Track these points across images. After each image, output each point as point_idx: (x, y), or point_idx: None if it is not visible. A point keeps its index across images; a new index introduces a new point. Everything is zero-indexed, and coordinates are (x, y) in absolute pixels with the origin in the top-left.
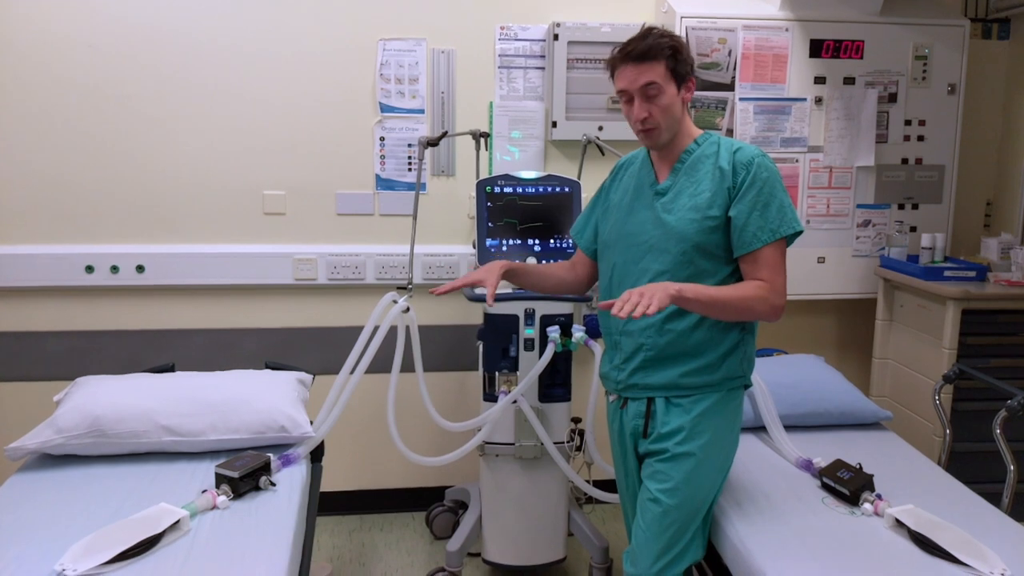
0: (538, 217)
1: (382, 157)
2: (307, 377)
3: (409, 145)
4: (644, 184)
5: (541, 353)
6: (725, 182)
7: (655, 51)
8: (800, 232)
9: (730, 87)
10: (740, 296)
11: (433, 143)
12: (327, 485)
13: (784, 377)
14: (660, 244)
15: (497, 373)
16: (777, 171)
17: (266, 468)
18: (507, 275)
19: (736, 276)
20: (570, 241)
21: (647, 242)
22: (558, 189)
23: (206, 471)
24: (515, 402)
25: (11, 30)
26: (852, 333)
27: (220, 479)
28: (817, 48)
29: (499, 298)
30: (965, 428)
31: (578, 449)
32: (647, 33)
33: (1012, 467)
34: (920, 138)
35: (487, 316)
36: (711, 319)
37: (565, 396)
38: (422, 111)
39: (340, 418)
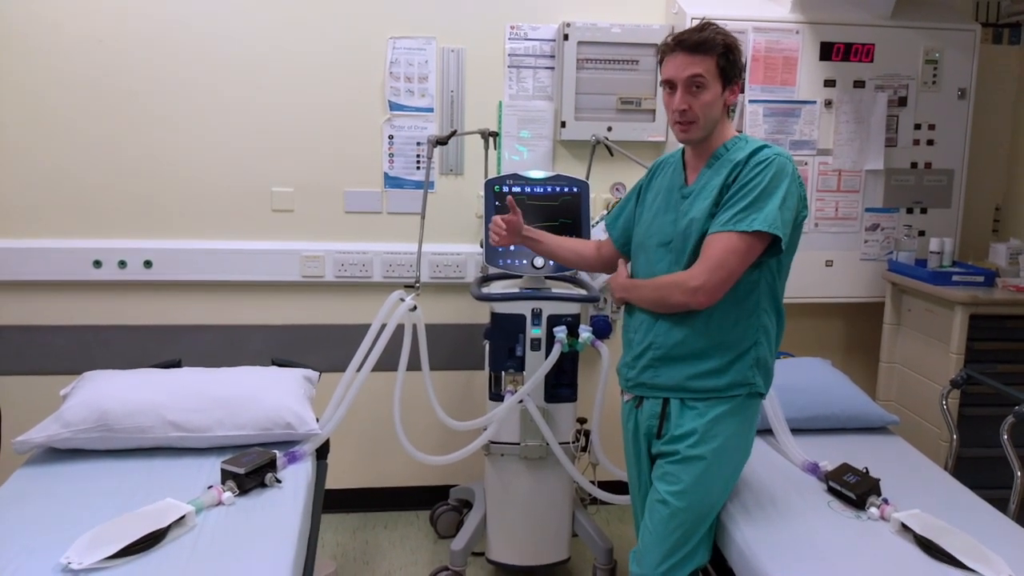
0: (546, 217)
1: (391, 155)
2: (313, 374)
3: (418, 143)
4: (674, 187)
5: (548, 353)
6: (728, 180)
7: (707, 45)
8: (775, 237)
9: (740, 89)
10: (653, 284)
11: (442, 142)
12: (332, 482)
13: (791, 380)
14: (681, 246)
15: (503, 373)
16: (786, 174)
17: (272, 465)
18: (525, 240)
19: (764, 279)
20: None
21: (668, 244)
22: (566, 189)
23: (212, 467)
24: (521, 402)
25: (21, 26)
26: (859, 337)
27: (226, 475)
28: (827, 51)
29: (506, 298)
30: (972, 433)
31: (583, 450)
32: (704, 27)
33: (1019, 473)
34: (930, 142)
35: (494, 315)
36: (723, 323)
37: (571, 396)
38: (431, 110)
39: (346, 415)
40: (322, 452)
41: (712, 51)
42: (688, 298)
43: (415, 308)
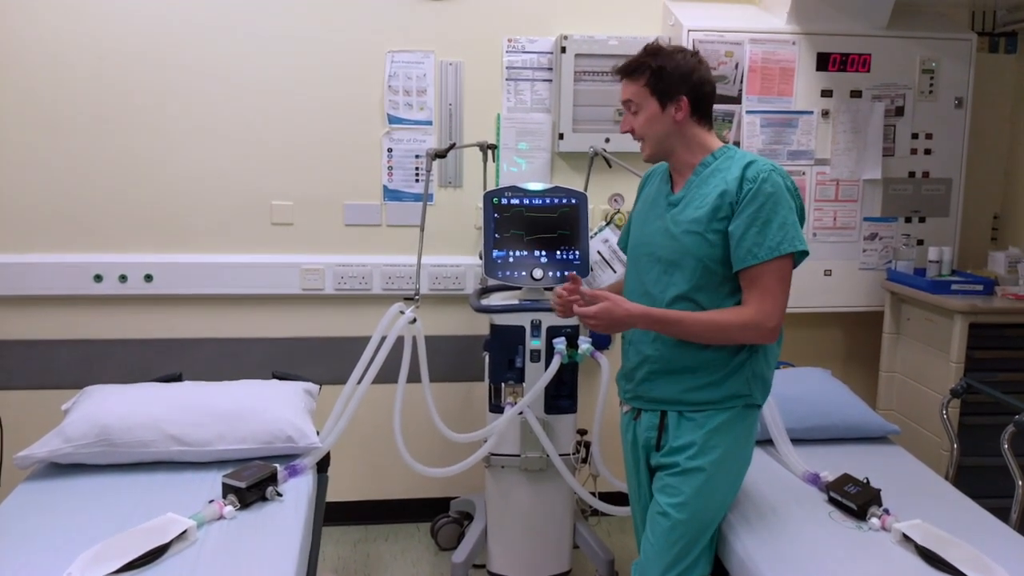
0: (545, 228)
1: (390, 168)
2: (314, 387)
3: (417, 156)
4: (661, 194)
5: (547, 364)
6: (728, 197)
7: (634, 69)
8: (805, 252)
9: (737, 100)
10: (712, 325)
11: (441, 155)
12: (333, 495)
13: (791, 390)
14: (670, 257)
15: (503, 384)
16: (787, 188)
17: (273, 478)
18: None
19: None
20: (577, 253)
21: (656, 253)
22: (565, 201)
23: (213, 481)
24: (521, 414)
25: (20, 41)
26: (859, 346)
27: (227, 489)
28: (824, 61)
29: (505, 309)
30: (973, 442)
31: (584, 461)
32: (643, 49)
33: (1020, 482)
34: (927, 151)
35: (493, 327)
36: None
37: (571, 408)
38: (430, 123)
39: (346, 428)
40: (323, 465)
41: (639, 74)
42: (766, 338)
43: (415, 320)
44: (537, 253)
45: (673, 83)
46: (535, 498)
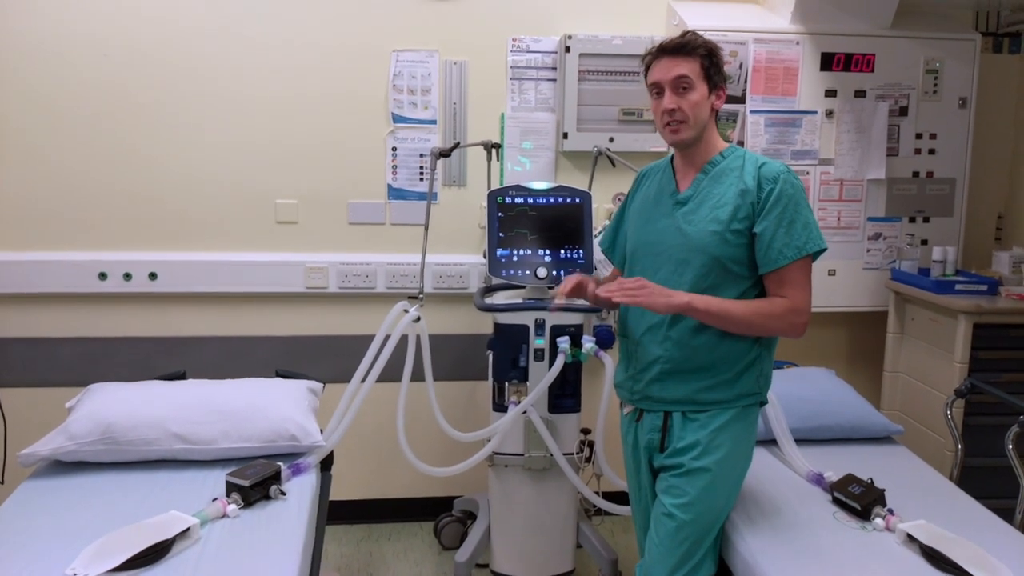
0: (549, 228)
1: (394, 167)
2: (317, 386)
3: (421, 155)
4: (665, 192)
5: (551, 363)
6: (748, 197)
7: (690, 47)
8: (824, 250)
9: (741, 100)
10: (757, 312)
11: (445, 154)
12: (336, 494)
13: (795, 390)
14: (682, 255)
15: (507, 383)
16: (802, 187)
17: (276, 477)
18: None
19: (755, 292)
20: (581, 252)
21: (666, 252)
22: (569, 200)
23: (216, 479)
24: (525, 413)
25: (26, 39)
26: (863, 346)
27: (230, 487)
28: (828, 61)
29: (509, 308)
30: (977, 443)
31: (588, 460)
32: (685, 33)
33: None
34: (931, 151)
35: (497, 326)
36: (731, 336)
37: (575, 407)
38: (434, 122)
39: (349, 427)
40: (326, 464)
41: (695, 53)
42: (799, 330)
43: (418, 319)
44: (541, 252)
45: (721, 70)
46: (539, 497)
